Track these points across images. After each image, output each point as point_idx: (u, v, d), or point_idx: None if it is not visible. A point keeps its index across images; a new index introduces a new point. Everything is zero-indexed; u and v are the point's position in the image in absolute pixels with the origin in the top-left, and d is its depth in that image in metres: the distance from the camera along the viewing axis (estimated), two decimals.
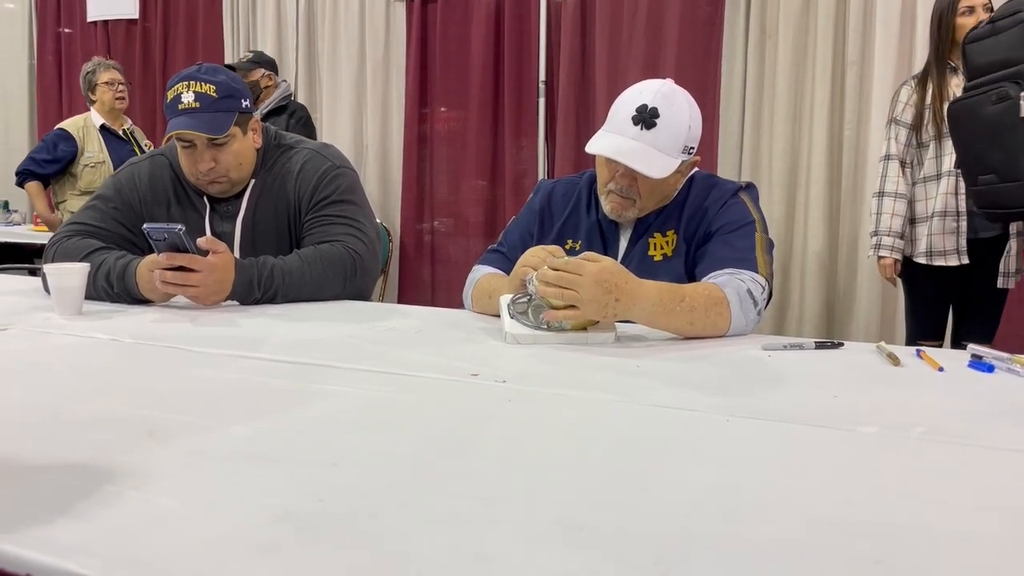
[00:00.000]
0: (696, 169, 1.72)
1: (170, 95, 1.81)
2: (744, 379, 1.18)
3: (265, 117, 4.05)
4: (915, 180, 2.89)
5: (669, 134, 1.56)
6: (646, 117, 1.55)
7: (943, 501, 0.73)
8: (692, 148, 1.61)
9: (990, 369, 1.23)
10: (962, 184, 2.65)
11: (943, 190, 2.77)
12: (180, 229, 1.57)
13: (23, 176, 4.23)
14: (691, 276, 1.60)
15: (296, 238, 1.92)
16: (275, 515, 0.67)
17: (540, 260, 1.47)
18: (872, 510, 0.71)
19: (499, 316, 1.49)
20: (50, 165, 4.21)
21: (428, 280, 4.67)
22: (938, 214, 2.78)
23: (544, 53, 4.25)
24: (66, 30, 5.68)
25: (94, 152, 4.23)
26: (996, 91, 1.93)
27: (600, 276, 1.33)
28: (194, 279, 1.61)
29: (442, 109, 4.58)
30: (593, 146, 1.60)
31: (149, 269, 1.65)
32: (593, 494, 0.73)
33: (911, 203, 2.91)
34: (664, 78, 1.63)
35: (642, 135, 1.55)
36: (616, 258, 1.66)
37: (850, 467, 0.82)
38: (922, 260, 2.86)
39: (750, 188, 1.69)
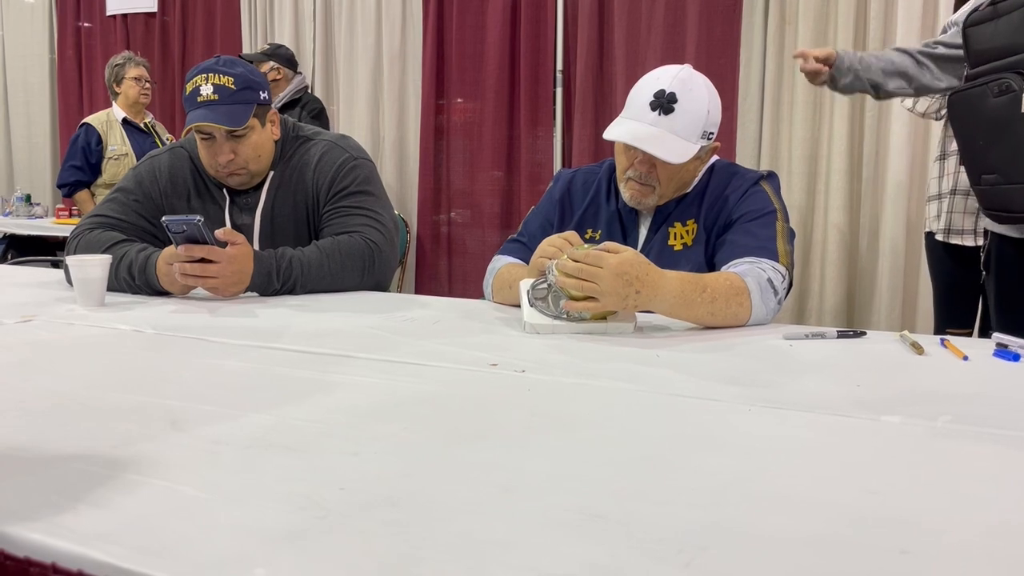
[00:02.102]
0: (716, 158, 1.70)
1: (189, 87, 1.82)
2: (765, 369, 1.17)
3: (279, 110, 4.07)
4: (936, 156, 2.84)
5: (687, 119, 1.54)
6: (664, 102, 1.54)
7: (969, 490, 0.73)
8: (711, 133, 1.59)
9: (1015, 358, 1.22)
10: None
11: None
12: (199, 220, 1.58)
13: (73, 187, 4.29)
14: (711, 265, 1.60)
15: (314, 229, 1.93)
16: (297, 503, 0.67)
17: (557, 249, 1.47)
18: (897, 500, 0.70)
19: (519, 305, 1.49)
20: (92, 169, 4.28)
21: (445, 271, 4.68)
22: (960, 192, 2.73)
23: (561, 42, 4.23)
24: (85, 24, 5.72)
25: (117, 145, 4.28)
26: (998, 82, 1.78)
27: (620, 268, 1.32)
28: (213, 270, 1.62)
29: (458, 100, 4.57)
30: (611, 132, 1.59)
31: (167, 262, 1.66)
32: (613, 483, 0.73)
33: (938, 179, 2.84)
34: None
35: (660, 120, 1.54)
36: (636, 247, 1.65)
37: (874, 457, 0.81)
38: (940, 237, 2.82)
39: (771, 177, 1.67)
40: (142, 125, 4.39)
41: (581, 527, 0.64)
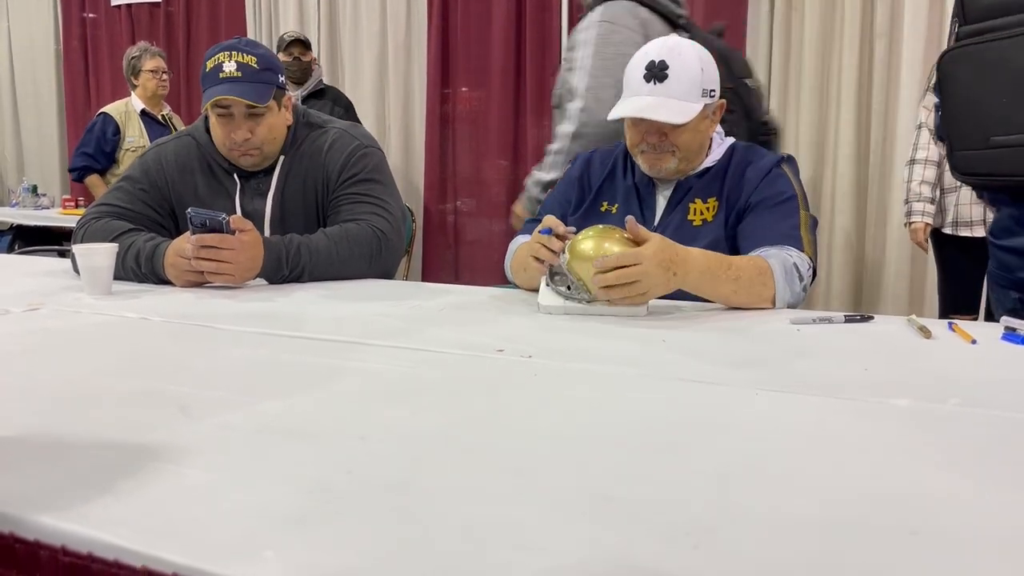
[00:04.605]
0: (735, 140, 1.71)
1: (209, 65, 1.81)
2: (772, 353, 1.17)
3: (304, 100, 4.09)
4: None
5: (683, 82, 1.56)
6: (656, 72, 1.57)
7: (978, 473, 0.72)
8: (712, 91, 1.61)
9: None
10: None
11: None
12: (224, 218, 1.60)
13: (82, 172, 4.29)
14: (730, 242, 1.61)
15: (323, 215, 1.93)
16: (305, 487, 0.67)
17: (540, 247, 1.47)
18: (906, 482, 0.70)
19: (536, 290, 1.50)
20: (105, 158, 4.28)
21: (451, 259, 4.68)
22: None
23: (566, 29, 4.21)
24: (91, 15, 5.72)
25: (135, 137, 4.28)
26: None
27: (658, 256, 1.34)
28: (227, 256, 1.62)
29: (464, 89, 4.56)
30: (614, 112, 1.61)
31: (178, 255, 1.66)
32: (621, 467, 0.73)
33: (943, 173, 2.87)
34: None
35: (657, 89, 1.56)
36: (653, 219, 1.67)
37: (882, 439, 0.81)
38: (949, 230, 2.84)
39: (790, 160, 1.68)
40: (160, 117, 4.40)
41: (589, 510, 0.64)
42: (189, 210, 1.63)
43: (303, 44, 4.20)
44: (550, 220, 1.52)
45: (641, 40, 2.23)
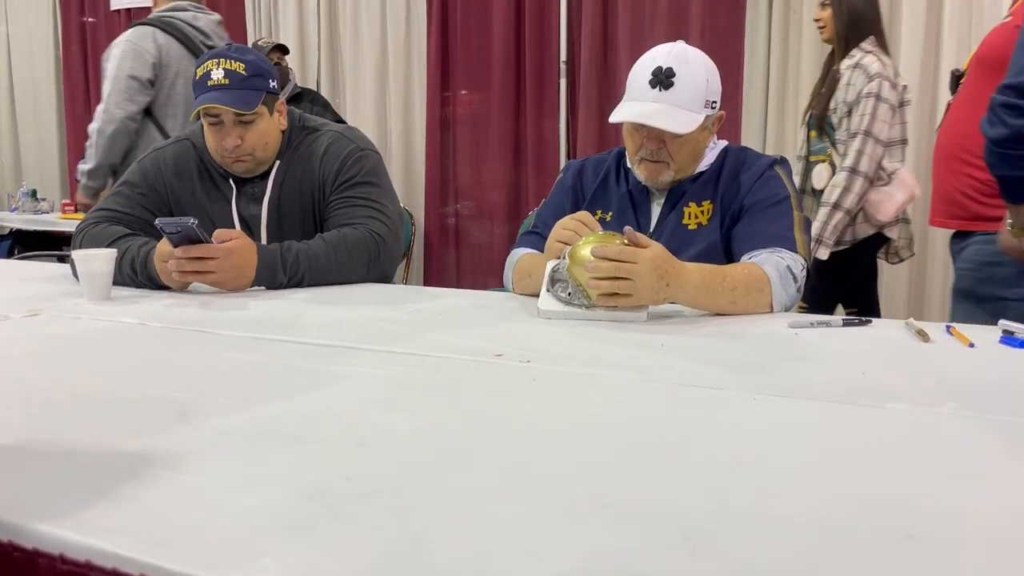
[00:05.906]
0: (727, 142, 1.71)
1: (199, 72, 1.82)
2: (770, 357, 1.17)
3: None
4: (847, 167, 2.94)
5: (688, 91, 1.56)
6: (662, 78, 1.56)
7: (975, 476, 0.72)
8: (714, 103, 1.61)
9: (1021, 345, 1.21)
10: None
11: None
12: (193, 222, 1.59)
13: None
14: (725, 246, 1.61)
15: (320, 219, 1.93)
16: (304, 492, 0.67)
17: (572, 232, 1.48)
18: (903, 485, 0.70)
19: (537, 295, 1.49)
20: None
21: (453, 264, 4.68)
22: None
23: (565, 33, 4.21)
24: (90, 19, 5.72)
25: None
26: None
27: (655, 262, 1.33)
28: (211, 265, 1.62)
29: (463, 92, 4.57)
30: (616, 115, 1.61)
31: (162, 260, 1.66)
32: (619, 471, 0.73)
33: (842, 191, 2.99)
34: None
35: (662, 96, 1.56)
36: (649, 226, 1.67)
37: (880, 443, 0.81)
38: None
39: (783, 162, 1.68)
40: None
41: (587, 514, 0.64)
42: (157, 221, 1.62)
43: (282, 49, 4.20)
44: (586, 216, 1.52)
45: (152, 61, 2.89)
